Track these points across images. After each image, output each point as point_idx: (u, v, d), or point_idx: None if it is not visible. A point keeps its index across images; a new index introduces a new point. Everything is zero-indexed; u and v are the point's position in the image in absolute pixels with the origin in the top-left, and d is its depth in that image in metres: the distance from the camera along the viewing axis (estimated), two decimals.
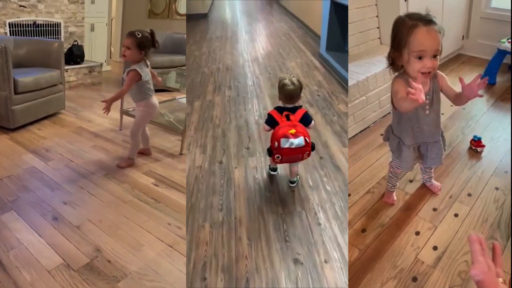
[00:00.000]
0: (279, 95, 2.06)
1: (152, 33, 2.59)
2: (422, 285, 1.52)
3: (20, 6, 4.67)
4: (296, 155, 1.93)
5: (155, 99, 2.76)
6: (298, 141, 1.87)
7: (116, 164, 2.84)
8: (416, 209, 1.96)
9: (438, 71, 1.45)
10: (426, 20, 1.28)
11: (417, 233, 1.80)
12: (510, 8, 3.39)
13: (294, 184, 2.23)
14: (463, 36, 4.00)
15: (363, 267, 1.63)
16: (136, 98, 2.70)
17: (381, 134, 2.57)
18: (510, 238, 1.73)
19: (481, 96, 1.32)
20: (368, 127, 2.73)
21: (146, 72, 2.60)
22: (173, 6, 6.69)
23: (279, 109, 2.03)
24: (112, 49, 6.81)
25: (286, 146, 1.88)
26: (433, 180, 2.01)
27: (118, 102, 3.55)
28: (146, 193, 2.45)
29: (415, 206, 1.99)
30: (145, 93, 2.67)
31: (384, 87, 2.74)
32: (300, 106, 2.06)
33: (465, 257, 1.66)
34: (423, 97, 1.15)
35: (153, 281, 1.72)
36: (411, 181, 2.18)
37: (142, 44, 2.53)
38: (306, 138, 1.90)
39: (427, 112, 1.48)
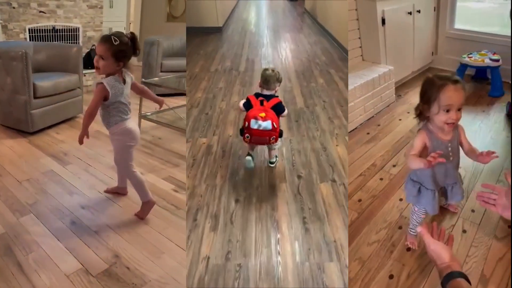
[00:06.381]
0: (260, 79, 2.33)
1: (133, 38, 1.97)
2: (406, 231, 1.98)
3: (40, 11, 4.73)
4: (263, 137, 2.14)
5: (131, 122, 2.12)
6: (266, 124, 2.09)
7: (135, 214, 2.23)
8: (399, 184, 2.36)
9: (459, 124, 1.65)
10: (453, 80, 1.50)
11: (401, 200, 2.25)
12: (469, 28, 4.19)
13: (273, 165, 2.50)
14: (432, 52, 4.56)
15: (361, 223, 2.10)
16: (105, 122, 2.07)
17: (367, 133, 3.10)
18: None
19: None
20: (355, 128, 3.20)
21: (117, 89, 1.96)
22: None
23: (256, 95, 2.30)
24: None
25: (255, 127, 2.10)
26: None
27: (137, 106, 3.55)
28: (166, 199, 2.41)
29: (398, 182, 2.40)
30: (115, 116, 2.03)
31: (368, 95, 3.27)
32: (277, 96, 2.31)
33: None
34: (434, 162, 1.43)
35: None
36: (394, 165, 2.59)
37: (120, 54, 1.91)
38: (274, 123, 2.12)
39: (451, 158, 1.68)
